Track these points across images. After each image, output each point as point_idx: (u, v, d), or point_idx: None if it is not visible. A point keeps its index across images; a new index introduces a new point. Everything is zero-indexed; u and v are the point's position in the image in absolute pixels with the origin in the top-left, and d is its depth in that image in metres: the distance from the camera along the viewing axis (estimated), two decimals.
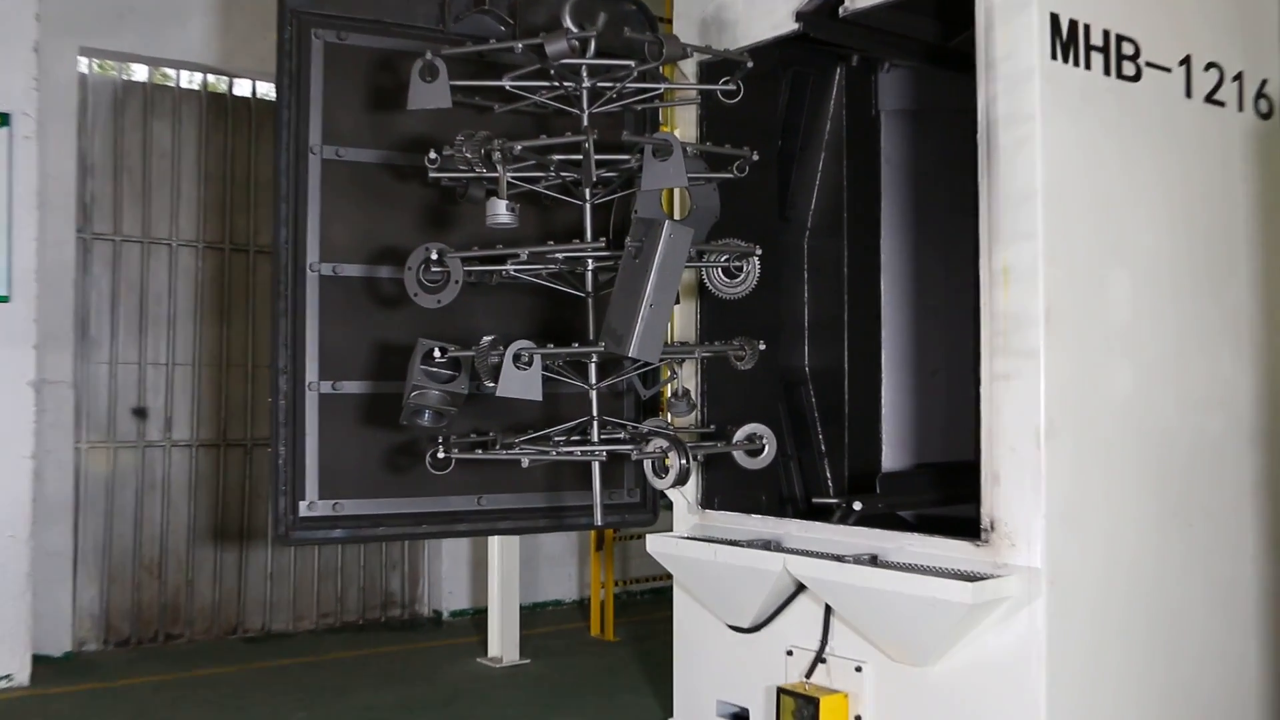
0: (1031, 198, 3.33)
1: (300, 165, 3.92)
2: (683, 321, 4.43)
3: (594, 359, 3.72)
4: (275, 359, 3.89)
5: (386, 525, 4.03)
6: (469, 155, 3.57)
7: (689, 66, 4.31)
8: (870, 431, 4.80)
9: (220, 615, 7.69)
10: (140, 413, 7.60)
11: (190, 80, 7.78)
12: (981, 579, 3.27)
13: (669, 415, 4.21)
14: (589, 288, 3.81)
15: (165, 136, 7.62)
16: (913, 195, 4.92)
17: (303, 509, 3.87)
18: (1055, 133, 3.37)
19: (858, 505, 4.15)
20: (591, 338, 3.76)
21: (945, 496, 4.49)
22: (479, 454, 3.77)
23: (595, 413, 3.76)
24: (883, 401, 4.83)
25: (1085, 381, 3.43)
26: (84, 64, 7.28)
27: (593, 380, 3.76)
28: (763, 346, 3.93)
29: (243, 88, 7.95)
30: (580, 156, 3.64)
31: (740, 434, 4.02)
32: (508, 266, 3.69)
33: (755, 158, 3.93)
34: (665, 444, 3.60)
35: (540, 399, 3.54)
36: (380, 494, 4.01)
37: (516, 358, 3.51)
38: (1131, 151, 3.63)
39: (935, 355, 4.90)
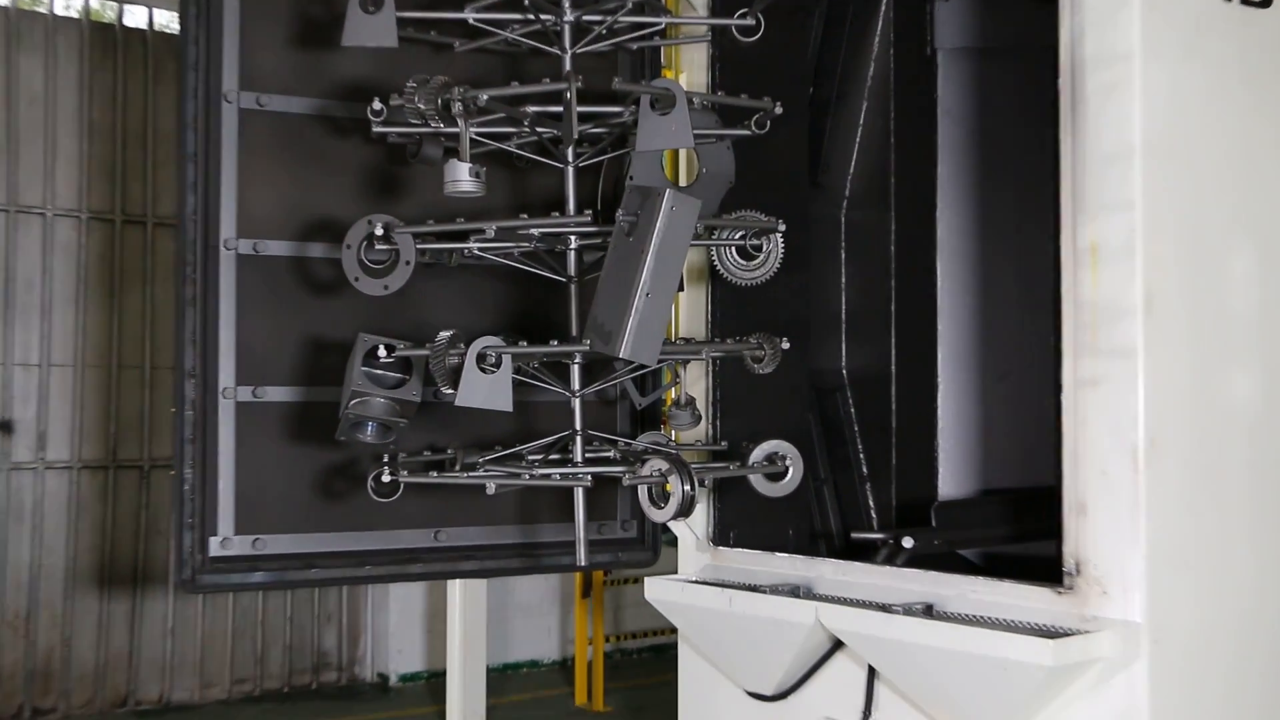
0: (1127, 157, 3.33)
1: (212, 116, 3.93)
2: (688, 313, 4.44)
3: (577, 360, 3.74)
4: (180, 359, 3.90)
5: (320, 567, 4.04)
6: (423, 106, 3.57)
7: None
8: (924, 450, 4.81)
9: (106, 682, 7.70)
10: (5, 426, 7.60)
11: (67, 6, 7.77)
12: (1065, 635, 3.28)
13: (670, 429, 4.22)
14: (572, 271, 3.82)
15: (35, 77, 7.61)
16: (977, 155, 4.93)
17: (214, 546, 3.88)
18: (1159, 75, 3.37)
19: (908, 542, 4.16)
20: (574, 333, 3.77)
21: (1018, 531, 4.50)
22: (434, 477, 3.79)
23: (579, 426, 3.77)
24: (939, 412, 4.84)
25: (1197, 387, 3.44)
26: None
27: (576, 386, 3.77)
28: (786, 345, 3.94)
29: (136, 17, 7.94)
30: (561, 108, 3.64)
31: (758, 453, 4.04)
32: (471, 244, 3.70)
33: (779, 110, 3.94)
34: (665, 465, 3.61)
35: (510, 409, 3.56)
36: (312, 528, 4.02)
37: (481, 358, 3.52)
38: (1259, 97, 3.62)
39: (1005, 355, 4.91)
